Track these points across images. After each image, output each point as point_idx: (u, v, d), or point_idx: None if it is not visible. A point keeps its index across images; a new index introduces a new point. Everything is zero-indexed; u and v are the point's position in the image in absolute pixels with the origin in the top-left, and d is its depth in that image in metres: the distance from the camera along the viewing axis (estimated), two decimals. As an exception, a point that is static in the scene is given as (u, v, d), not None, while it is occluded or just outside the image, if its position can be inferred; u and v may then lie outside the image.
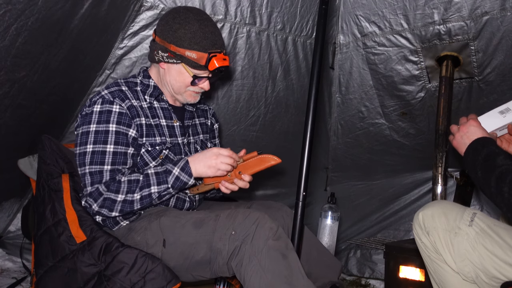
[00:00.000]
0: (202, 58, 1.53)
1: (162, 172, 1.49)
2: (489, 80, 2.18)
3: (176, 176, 1.48)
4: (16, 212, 2.42)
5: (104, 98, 1.52)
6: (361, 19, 2.32)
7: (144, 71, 1.67)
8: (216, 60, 1.53)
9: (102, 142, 1.48)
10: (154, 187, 1.47)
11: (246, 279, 1.33)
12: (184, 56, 1.53)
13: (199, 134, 1.79)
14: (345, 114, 2.66)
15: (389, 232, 2.92)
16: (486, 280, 1.27)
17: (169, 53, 1.55)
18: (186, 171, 1.49)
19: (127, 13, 1.93)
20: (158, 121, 1.62)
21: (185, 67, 1.56)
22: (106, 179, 1.47)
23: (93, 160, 1.47)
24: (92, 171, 1.47)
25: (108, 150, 1.48)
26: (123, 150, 1.50)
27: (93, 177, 1.47)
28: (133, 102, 1.57)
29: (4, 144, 1.93)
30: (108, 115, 1.50)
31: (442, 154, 2.13)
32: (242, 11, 2.16)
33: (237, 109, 2.44)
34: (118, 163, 1.49)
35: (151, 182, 1.47)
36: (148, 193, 1.47)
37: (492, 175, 1.24)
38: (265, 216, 1.41)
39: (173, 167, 1.49)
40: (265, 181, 2.76)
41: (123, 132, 1.51)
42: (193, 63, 1.54)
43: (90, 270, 1.44)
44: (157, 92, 1.64)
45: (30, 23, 1.47)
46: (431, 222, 1.36)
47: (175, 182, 1.48)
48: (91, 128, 1.49)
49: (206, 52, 1.53)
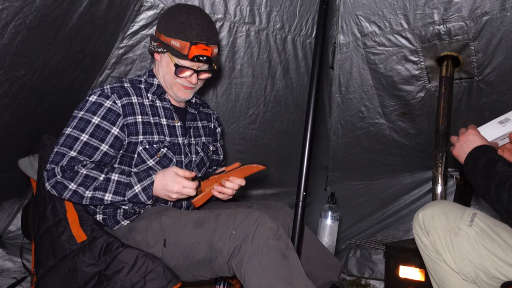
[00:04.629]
0: (184, 47, 1.54)
1: (124, 183, 1.48)
2: (489, 80, 2.18)
3: (136, 193, 1.48)
4: (16, 212, 2.42)
5: (103, 91, 1.56)
6: (361, 19, 2.32)
7: (149, 70, 1.70)
8: (195, 48, 1.54)
9: (80, 129, 1.51)
10: (109, 195, 1.47)
11: (246, 278, 1.33)
12: (169, 45, 1.56)
13: (201, 136, 1.79)
14: (345, 114, 2.66)
15: (389, 232, 2.92)
16: (486, 280, 1.27)
17: (158, 42, 1.59)
18: (146, 192, 1.48)
19: (127, 12, 1.93)
20: (158, 120, 1.62)
21: (169, 56, 1.58)
22: (63, 163, 1.48)
23: (64, 143, 1.50)
24: (58, 151, 1.50)
25: (81, 138, 1.50)
26: (95, 144, 1.51)
27: (56, 156, 1.50)
28: (133, 99, 1.58)
29: (4, 144, 1.93)
30: (97, 108, 1.53)
31: (442, 154, 2.13)
32: (242, 10, 2.16)
33: (236, 107, 2.45)
34: (84, 154, 1.50)
35: (109, 188, 1.47)
36: (101, 197, 1.47)
37: (491, 182, 1.25)
38: (266, 216, 1.41)
39: (136, 183, 1.48)
40: (265, 180, 2.76)
41: (103, 128, 1.52)
42: (176, 51, 1.55)
43: (91, 270, 1.44)
44: (160, 90, 1.65)
45: (28, 21, 1.47)
46: (431, 222, 1.36)
47: (132, 198, 1.48)
48: (79, 114, 1.54)
49: (188, 41, 1.54)
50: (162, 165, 1.60)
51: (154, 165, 1.59)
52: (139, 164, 1.58)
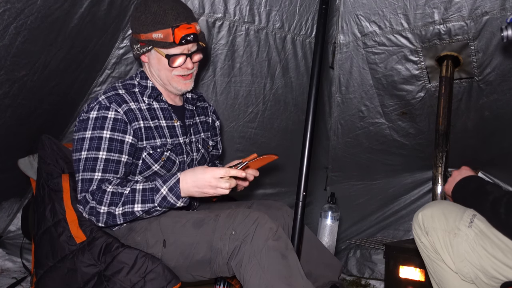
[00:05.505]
0: (168, 35, 1.51)
1: (150, 189, 1.43)
2: (489, 80, 2.17)
3: (164, 196, 1.42)
4: (16, 212, 2.42)
5: (100, 104, 1.51)
6: (361, 18, 2.32)
7: (141, 72, 1.67)
8: (178, 30, 1.51)
9: (95, 148, 1.47)
10: (138, 205, 1.42)
11: (246, 279, 1.33)
12: (152, 39, 1.53)
13: (200, 132, 1.78)
14: (345, 114, 2.65)
15: (389, 232, 2.91)
16: (485, 280, 1.27)
17: (140, 42, 1.55)
18: (174, 192, 1.42)
19: (127, 13, 1.93)
20: (158, 123, 1.60)
21: (157, 50, 1.55)
22: (93, 188, 1.45)
23: (85, 167, 1.46)
24: (83, 178, 1.46)
25: (100, 156, 1.46)
26: (116, 158, 1.48)
27: (83, 184, 1.46)
28: (131, 105, 1.55)
29: (4, 144, 1.93)
30: (103, 122, 1.49)
31: (442, 154, 2.12)
32: (241, 9, 2.16)
33: (236, 106, 2.44)
34: (109, 171, 1.47)
35: (136, 199, 1.42)
36: (131, 210, 1.42)
37: (486, 200, 1.28)
38: (265, 216, 1.41)
39: (162, 185, 1.42)
40: (265, 180, 2.76)
41: (117, 139, 1.49)
42: (161, 43, 1.53)
43: (90, 270, 1.44)
44: (155, 93, 1.63)
45: (29, 22, 1.47)
46: (430, 222, 1.36)
47: (161, 202, 1.42)
48: (86, 135, 1.48)
49: (169, 27, 1.51)
50: (166, 168, 1.60)
51: (159, 170, 1.58)
52: (144, 171, 1.57)
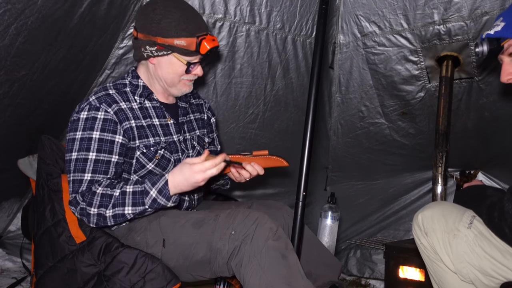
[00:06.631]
0: (192, 44, 1.52)
1: (139, 192, 1.42)
2: (489, 80, 2.18)
3: (154, 198, 1.41)
4: (16, 212, 2.42)
5: (91, 104, 1.51)
6: (361, 19, 2.32)
7: (132, 71, 1.65)
8: (206, 42, 1.52)
9: (85, 149, 1.47)
10: (128, 208, 1.42)
11: (246, 279, 1.33)
12: (173, 45, 1.52)
13: (195, 129, 1.77)
14: (345, 114, 2.65)
15: (389, 232, 2.92)
16: (484, 281, 1.27)
17: (158, 46, 1.53)
18: (164, 194, 1.41)
19: (127, 13, 1.93)
20: (150, 121, 1.60)
21: (176, 57, 1.55)
22: (83, 189, 1.45)
23: (76, 168, 1.46)
24: (74, 179, 1.47)
25: (90, 157, 1.46)
26: (106, 158, 1.48)
27: (74, 185, 1.47)
28: (122, 105, 1.55)
29: (4, 144, 1.93)
30: (92, 122, 1.49)
31: (442, 154, 2.12)
32: (242, 10, 2.16)
33: (236, 107, 2.44)
34: (99, 172, 1.47)
35: (126, 201, 1.42)
36: (122, 212, 1.42)
37: (483, 204, 1.29)
38: (265, 216, 1.41)
39: (151, 188, 1.41)
40: (265, 180, 2.76)
41: (107, 140, 1.49)
42: (184, 50, 1.53)
43: (90, 270, 1.44)
44: (146, 92, 1.62)
45: (30, 22, 1.47)
46: (430, 223, 1.36)
47: (152, 204, 1.42)
48: (77, 136, 1.48)
49: (194, 37, 1.52)
50: (161, 167, 1.59)
51: (153, 168, 1.58)
52: (138, 170, 1.57)
